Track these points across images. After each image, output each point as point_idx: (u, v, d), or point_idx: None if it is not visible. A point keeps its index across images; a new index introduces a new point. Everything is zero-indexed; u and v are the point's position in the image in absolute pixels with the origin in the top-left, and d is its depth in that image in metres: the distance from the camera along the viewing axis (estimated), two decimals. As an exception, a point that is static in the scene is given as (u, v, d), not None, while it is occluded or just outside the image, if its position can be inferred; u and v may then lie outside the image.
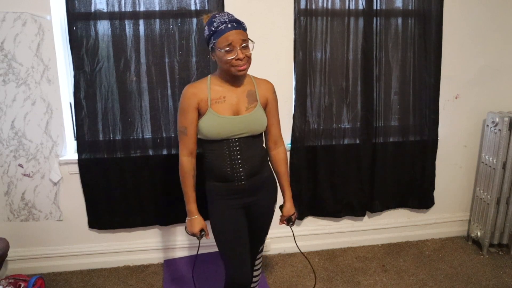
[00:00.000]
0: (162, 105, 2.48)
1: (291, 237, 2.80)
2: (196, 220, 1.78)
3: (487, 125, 2.75)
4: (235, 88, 1.71)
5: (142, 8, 2.35)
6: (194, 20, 2.40)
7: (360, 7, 2.53)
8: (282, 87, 2.34)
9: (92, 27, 2.32)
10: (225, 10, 2.37)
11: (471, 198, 3.00)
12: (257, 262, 2.00)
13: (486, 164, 2.77)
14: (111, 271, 2.64)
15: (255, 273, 2.02)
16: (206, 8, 2.38)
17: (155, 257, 2.71)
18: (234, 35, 1.58)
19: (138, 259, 2.70)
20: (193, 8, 2.39)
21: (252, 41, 1.64)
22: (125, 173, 2.51)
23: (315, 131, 2.65)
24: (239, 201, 1.76)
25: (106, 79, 2.39)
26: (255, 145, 1.75)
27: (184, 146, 1.73)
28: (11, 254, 2.48)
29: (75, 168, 2.48)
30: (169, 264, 2.68)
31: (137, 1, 2.34)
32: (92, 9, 2.30)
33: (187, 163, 1.74)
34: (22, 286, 2.24)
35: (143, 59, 2.41)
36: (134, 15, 2.35)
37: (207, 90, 1.68)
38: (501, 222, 2.75)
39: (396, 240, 2.97)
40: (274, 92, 1.81)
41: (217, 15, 1.63)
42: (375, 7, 2.54)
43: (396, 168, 2.80)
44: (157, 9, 2.36)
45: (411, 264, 2.70)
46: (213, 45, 1.62)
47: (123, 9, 2.33)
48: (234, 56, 1.59)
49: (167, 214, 2.62)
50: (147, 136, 2.52)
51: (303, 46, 2.51)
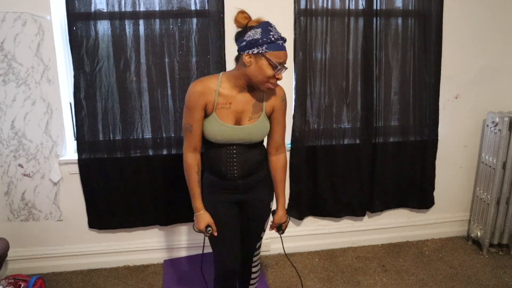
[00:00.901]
0: (162, 105, 2.48)
1: (291, 237, 2.82)
2: (202, 216, 1.75)
3: (487, 125, 2.75)
4: (244, 95, 1.69)
5: (142, 8, 2.35)
6: (194, 20, 2.40)
7: (360, 7, 2.53)
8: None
9: (92, 27, 2.32)
10: (225, 10, 2.37)
11: (471, 198, 3.00)
12: (255, 259, 2.00)
13: (486, 164, 2.77)
14: (111, 271, 2.64)
15: (254, 270, 2.02)
16: (206, 8, 2.38)
17: (155, 257, 2.71)
18: (285, 55, 1.61)
19: (138, 259, 2.70)
20: (193, 8, 2.39)
21: (286, 66, 1.64)
22: (125, 173, 2.51)
23: (315, 131, 2.65)
24: (232, 196, 1.78)
25: (106, 79, 2.39)
26: (253, 151, 1.74)
27: (189, 143, 1.73)
28: (11, 254, 2.48)
29: (75, 168, 2.48)
30: (169, 264, 2.68)
31: (137, 1, 2.34)
32: (92, 9, 2.30)
33: (191, 159, 1.74)
34: (22, 286, 2.24)
35: (143, 59, 2.41)
36: (134, 15, 2.35)
37: (215, 92, 1.66)
38: (501, 222, 2.75)
39: (396, 240, 2.97)
40: (284, 99, 1.77)
41: (272, 24, 1.60)
42: (375, 7, 2.54)
43: (396, 168, 2.80)
44: (157, 9, 2.36)
45: (411, 264, 2.70)
46: (262, 52, 1.56)
47: (123, 9, 2.33)
48: (275, 75, 1.59)
49: (167, 214, 2.62)
50: (147, 136, 2.52)
51: (303, 46, 2.51)
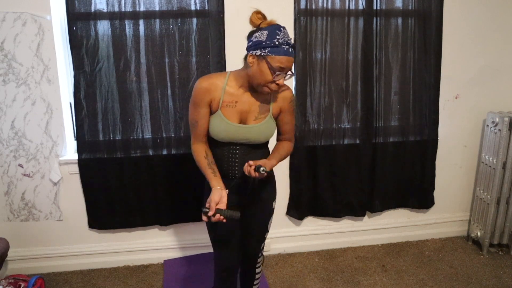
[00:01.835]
0: (162, 105, 2.48)
1: (291, 237, 2.83)
2: (213, 191, 1.59)
3: (487, 125, 2.75)
4: (250, 94, 1.68)
5: (142, 8, 2.35)
6: (194, 20, 2.40)
7: (360, 7, 2.53)
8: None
9: (92, 27, 2.32)
10: (225, 10, 2.37)
11: (471, 198, 3.00)
12: (258, 260, 2.00)
13: (486, 164, 2.77)
14: (111, 271, 2.64)
15: (257, 270, 2.03)
16: (206, 8, 2.38)
17: (155, 257, 2.71)
18: (289, 62, 1.56)
19: (138, 259, 2.70)
20: (193, 8, 2.39)
21: (293, 72, 1.62)
22: (125, 173, 2.51)
23: (315, 131, 2.65)
24: (234, 197, 1.75)
25: (106, 79, 2.39)
26: (256, 152, 1.73)
27: (195, 137, 1.73)
28: (11, 254, 2.48)
29: (75, 168, 2.48)
30: (169, 264, 2.68)
31: (137, 1, 2.34)
32: (92, 9, 2.30)
33: (197, 146, 1.72)
34: (22, 286, 2.24)
35: (143, 59, 2.41)
36: (134, 15, 2.35)
37: (221, 90, 1.65)
38: (501, 222, 2.75)
39: (396, 240, 2.97)
40: (292, 101, 1.75)
41: (282, 28, 1.56)
42: (375, 7, 2.54)
43: (396, 168, 2.80)
44: (157, 9, 2.36)
45: (411, 264, 2.70)
46: (264, 55, 1.54)
47: (123, 9, 2.33)
48: (276, 80, 1.57)
49: (167, 214, 2.62)
50: (147, 136, 2.52)
51: (303, 46, 2.51)
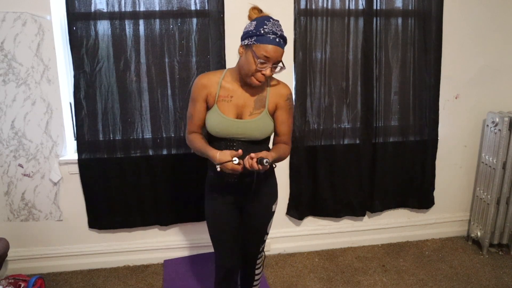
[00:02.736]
0: (162, 105, 2.48)
1: (291, 237, 2.83)
2: (222, 154, 1.57)
3: (487, 125, 2.75)
4: (246, 89, 1.69)
5: (142, 8, 2.35)
6: (194, 20, 2.40)
7: (360, 7, 2.53)
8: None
9: (92, 27, 2.32)
10: (225, 10, 2.37)
11: (471, 198, 3.00)
12: (258, 261, 2.00)
13: (486, 164, 2.77)
14: (111, 271, 2.64)
15: (257, 271, 2.03)
16: (206, 8, 2.38)
17: (155, 257, 2.71)
18: (275, 51, 1.55)
19: (138, 259, 2.70)
20: (193, 8, 2.39)
21: (283, 65, 1.61)
22: (125, 173, 2.51)
23: (315, 131, 2.65)
24: (233, 198, 1.77)
25: (106, 79, 2.39)
26: (254, 149, 1.67)
27: (189, 129, 1.76)
28: (11, 254, 2.48)
29: (75, 168, 2.48)
30: (169, 264, 2.68)
31: (137, 1, 2.34)
32: (92, 9, 2.30)
33: (192, 134, 1.74)
34: (22, 286, 2.24)
35: (143, 59, 2.41)
36: (134, 15, 2.35)
37: (217, 85, 1.68)
38: (501, 222, 2.75)
39: (396, 240, 2.97)
40: (288, 99, 1.73)
41: (271, 19, 1.57)
42: (375, 7, 2.54)
43: (396, 168, 2.80)
44: (157, 9, 2.36)
45: (411, 264, 2.70)
46: (251, 44, 1.56)
47: (123, 9, 2.33)
48: (262, 69, 1.56)
49: (167, 214, 2.62)
50: (147, 136, 2.52)
51: (303, 46, 2.51)
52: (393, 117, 2.76)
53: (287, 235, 2.83)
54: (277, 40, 1.55)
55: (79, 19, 2.30)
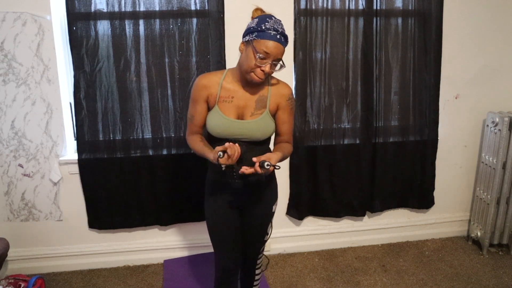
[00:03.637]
0: (162, 105, 2.48)
1: (291, 237, 2.83)
2: (214, 153, 1.54)
3: (487, 125, 2.75)
4: (247, 89, 1.68)
5: (142, 8, 2.35)
6: (194, 20, 2.40)
7: (360, 7, 2.53)
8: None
9: (92, 27, 2.32)
10: (225, 10, 2.37)
11: (471, 198, 3.00)
12: (258, 262, 2.01)
13: (486, 164, 2.77)
14: (111, 271, 2.64)
15: (257, 272, 2.03)
16: (206, 8, 2.38)
17: (155, 257, 2.71)
18: (275, 47, 1.55)
19: (138, 259, 2.70)
20: (193, 8, 2.39)
21: (283, 64, 1.61)
22: (125, 173, 2.51)
23: (315, 131, 2.65)
24: (233, 199, 1.76)
25: (106, 79, 2.39)
26: (255, 150, 1.68)
27: (189, 130, 1.76)
28: (11, 254, 2.48)
29: (75, 168, 2.48)
30: (169, 264, 2.68)
31: (137, 1, 2.34)
32: (92, 9, 2.30)
33: (192, 136, 1.74)
34: (22, 286, 2.24)
35: (143, 59, 2.41)
36: (134, 15, 2.35)
37: (218, 85, 1.68)
38: (501, 222, 2.75)
39: (396, 240, 2.97)
40: (290, 98, 1.73)
41: (273, 17, 1.59)
42: (375, 7, 2.54)
43: (396, 168, 2.80)
44: (157, 9, 2.36)
45: (411, 264, 2.70)
46: (252, 40, 1.56)
47: (123, 9, 2.33)
48: (262, 66, 1.56)
49: (167, 214, 2.62)
50: (147, 136, 2.52)
51: (303, 46, 2.51)
52: (393, 117, 2.76)
53: (287, 235, 2.83)
54: (278, 37, 1.55)
55: (79, 19, 2.30)
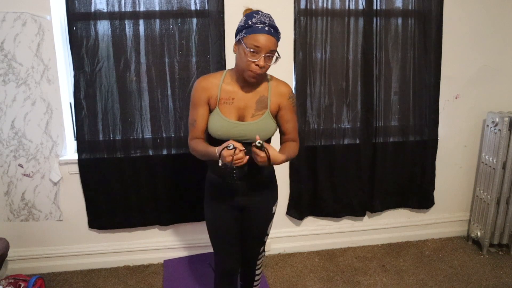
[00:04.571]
0: (162, 105, 2.48)
1: (291, 237, 2.83)
2: (219, 147, 1.54)
3: (487, 125, 2.75)
4: (247, 90, 1.67)
5: (142, 8, 2.35)
6: (194, 20, 2.40)
7: (360, 7, 2.53)
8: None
9: (92, 27, 2.32)
10: (225, 10, 2.37)
11: (471, 198, 3.00)
12: (258, 262, 2.00)
13: (486, 164, 2.77)
14: (111, 271, 2.64)
15: (257, 272, 2.03)
16: (206, 8, 2.38)
17: (155, 257, 2.71)
18: (266, 40, 1.52)
19: (138, 259, 2.70)
20: (193, 8, 2.39)
21: (278, 55, 1.59)
22: (125, 173, 2.51)
23: (315, 131, 2.65)
24: (233, 201, 1.76)
25: (106, 79, 2.39)
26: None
27: (192, 135, 1.72)
28: (11, 254, 2.48)
29: (75, 168, 2.48)
30: (169, 264, 2.68)
31: (137, 1, 2.34)
32: (92, 9, 2.30)
33: (195, 140, 1.70)
34: (22, 286, 2.24)
35: (143, 59, 2.41)
36: (134, 15, 2.35)
37: (218, 87, 1.66)
38: (501, 222, 2.75)
39: (396, 240, 2.97)
40: (291, 97, 1.72)
41: (260, 12, 1.57)
42: (375, 7, 2.54)
43: (396, 168, 2.80)
44: (157, 9, 2.36)
45: (411, 264, 2.70)
46: (241, 38, 1.55)
47: (123, 9, 2.33)
48: (255, 60, 1.54)
49: (167, 214, 2.62)
50: (147, 136, 2.52)
51: (303, 46, 2.51)
52: (393, 117, 2.76)
53: (287, 235, 2.83)
54: (266, 28, 1.53)
55: (79, 19, 2.30)
